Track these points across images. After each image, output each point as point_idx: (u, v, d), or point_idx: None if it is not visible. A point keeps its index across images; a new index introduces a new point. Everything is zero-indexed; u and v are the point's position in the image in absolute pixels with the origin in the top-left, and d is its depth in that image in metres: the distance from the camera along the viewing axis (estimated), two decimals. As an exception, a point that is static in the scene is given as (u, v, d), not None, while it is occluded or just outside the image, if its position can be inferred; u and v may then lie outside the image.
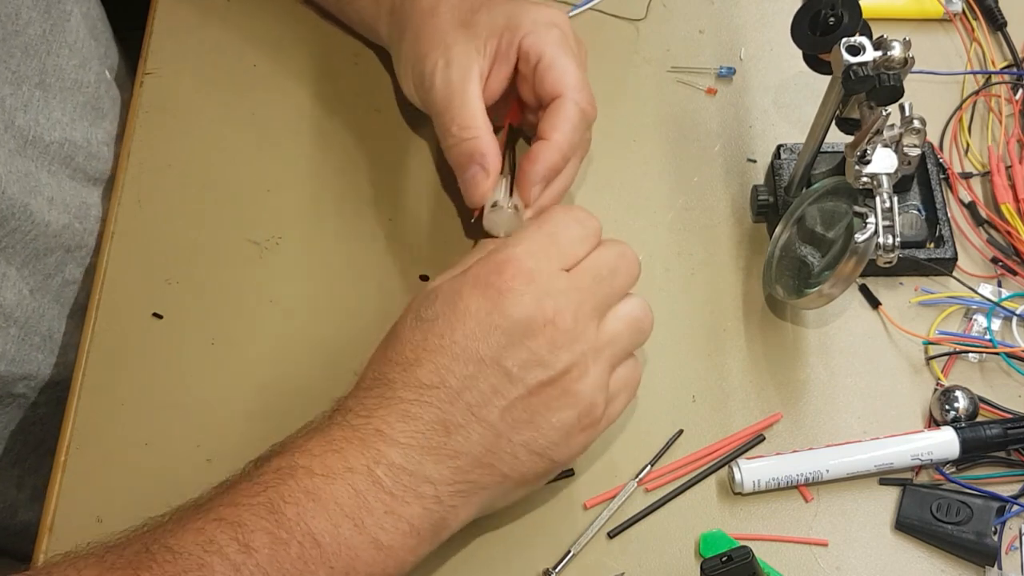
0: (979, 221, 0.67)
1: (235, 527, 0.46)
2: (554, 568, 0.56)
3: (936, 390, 0.61)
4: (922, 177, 0.67)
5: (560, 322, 0.51)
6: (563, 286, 0.52)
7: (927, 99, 0.71)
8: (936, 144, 0.69)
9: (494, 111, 0.61)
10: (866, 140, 0.55)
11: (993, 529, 0.56)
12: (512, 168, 0.61)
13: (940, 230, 0.65)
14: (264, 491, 0.47)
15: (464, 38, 0.60)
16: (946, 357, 0.63)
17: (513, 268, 0.51)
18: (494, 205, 0.58)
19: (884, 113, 0.55)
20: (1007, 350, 0.62)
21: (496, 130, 0.60)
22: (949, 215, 0.66)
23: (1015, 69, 0.72)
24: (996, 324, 0.63)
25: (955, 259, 0.64)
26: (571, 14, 0.73)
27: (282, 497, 0.47)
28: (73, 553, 0.48)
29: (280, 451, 0.50)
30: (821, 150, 0.62)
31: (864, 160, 0.56)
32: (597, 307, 0.53)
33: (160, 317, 0.63)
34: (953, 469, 0.59)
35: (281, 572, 0.46)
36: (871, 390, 0.62)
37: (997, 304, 0.63)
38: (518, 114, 0.66)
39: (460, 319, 0.51)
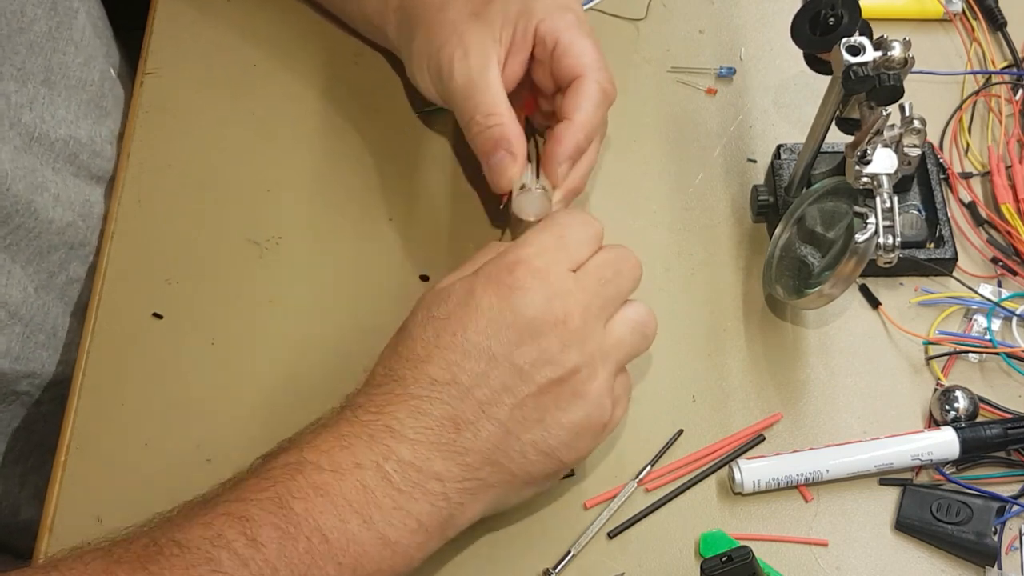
0: (979, 221, 0.67)
1: (243, 522, 0.46)
2: (554, 568, 0.56)
3: (936, 390, 0.61)
4: (922, 177, 0.67)
5: (570, 322, 0.51)
6: (571, 287, 0.52)
7: (927, 99, 0.71)
8: (936, 144, 0.69)
9: (510, 101, 0.61)
10: (866, 140, 0.55)
11: (993, 529, 0.56)
12: (536, 153, 0.61)
13: (940, 230, 0.65)
14: (272, 486, 0.47)
15: (479, 27, 0.60)
16: (946, 357, 0.63)
17: (524, 268, 0.52)
18: (522, 188, 0.58)
19: (884, 113, 0.55)
20: (1007, 350, 0.62)
21: None
22: (949, 215, 0.66)
23: (1015, 69, 0.72)
24: (996, 324, 0.63)
25: (955, 259, 0.64)
26: (571, 14, 0.73)
27: (290, 492, 0.47)
28: (79, 548, 0.48)
29: (288, 447, 0.50)
30: (821, 150, 0.62)
31: (864, 160, 0.56)
32: (603, 308, 0.54)
33: (160, 317, 0.63)
34: (953, 469, 0.59)
35: (289, 567, 0.46)
36: (871, 390, 0.62)
37: (997, 304, 0.63)
38: (533, 105, 0.66)
39: (472, 316, 0.51)
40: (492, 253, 0.54)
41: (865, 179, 0.56)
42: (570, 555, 0.57)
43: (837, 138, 0.60)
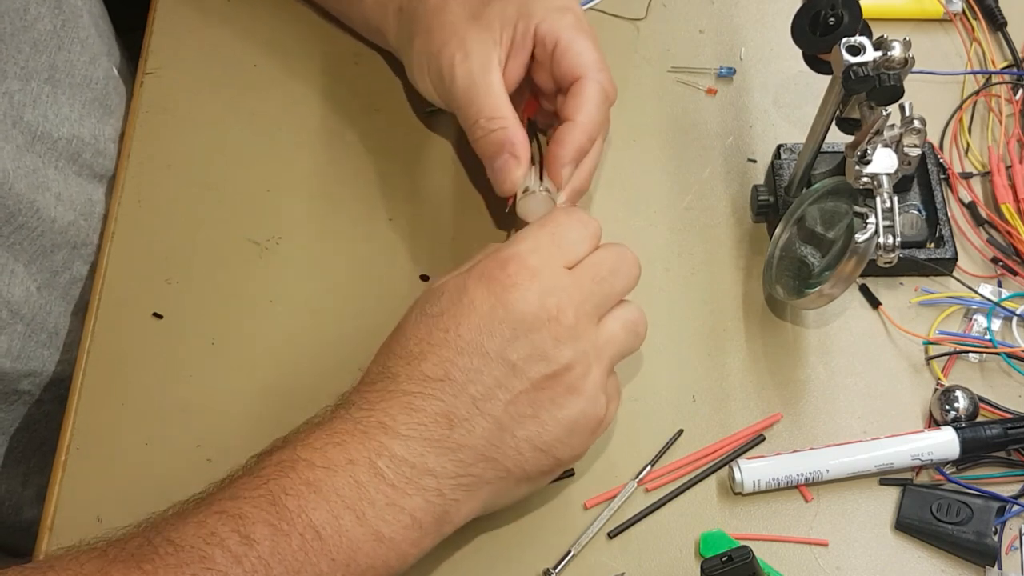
0: (979, 221, 0.67)
1: (236, 519, 0.46)
2: (554, 568, 0.56)
3: (936, 390, 0.61)
4: (922, 177, 0.67)
5: (563, 318, 0.51)
6: (565, 283, 0.52)
7: (927, 99, 0.71)
8: (936, 144, 0.69)
9: (511, 103, 0.61)
10: (866, 140, 0.55)
11: (993, 529, 0.56)
12: (539, 155, 0.62)
13: (940, 230, 0.65)
14: (265, 484, 0.47)
15: (479, 29, 0.60)
16: (946, 357, 0.63)
17: (517, 264, 0.52)
18: (526, 191, 0.59)
19: (884, 113, 0.55)
20: (1007, 350, 0.62)
21: None
22: (949, 215, 0.66)
23: (1015, 69, 0.72)
24: (996, 324, 0.63)
25: (955, 259, 0.64)
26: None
27: (283, 489, 0.47)
28: (76, 548, 0.48)
29: (282, 445, 0.50)
30: (821, 150, 0.62)
31: (864, 160, 0.56)
32: (597, 306, 0.54)
33: (160, 317, 0.63)
34: (953, 469, 0.59)
35: (283, 564, 0.46)
36: (871, 390, 0.62)
37: (997, 304, 0.63)
38: (535, 106, 0.66)
39: (465, 313, 0.51)
40: (488, 252, 0.55)
41: (865, 179, 0.56)
42: (570, 555, 0.57)
43: (837, 138, 0.60)
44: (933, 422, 0.61)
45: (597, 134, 0.61)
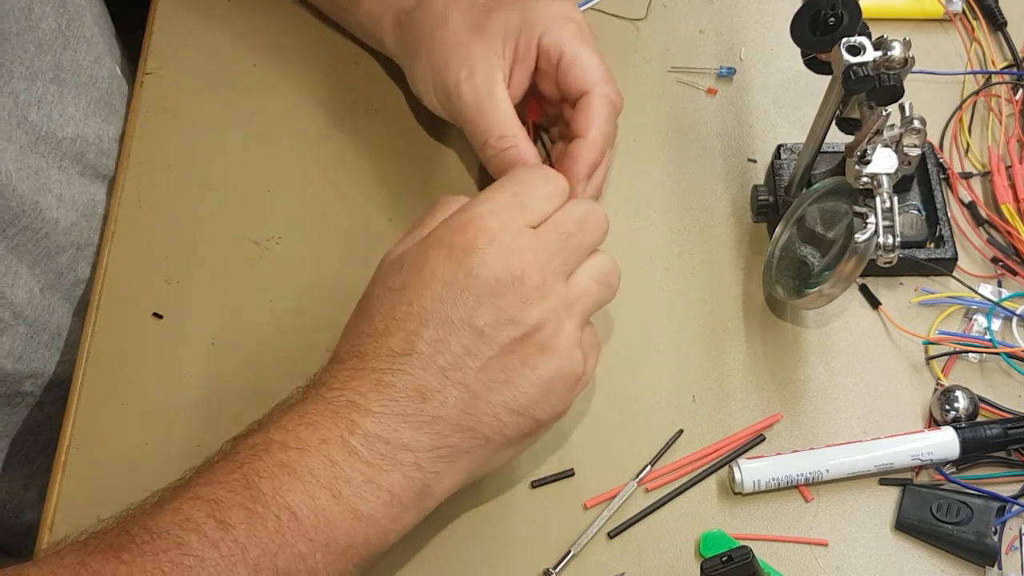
0: (979, 221, 0.67)
1: (212, 504, 0.46)
2: (554, 568, 0.56)
3: (936, 390, 0.61)
4: (922, 177, 0.67)
5: (528, 279, 0.50)
6: (529, 243, 0.51)
7: (927, 99, 0.71)
8: (936, 144, 0.69)
9: (515, 110, 0.61)
10: (866, 140, 0.55)
11: (993, 529, 0.56)
12: (547, 158, 0.63)
13: (940, 230, 0.65)
14: (240, 467, 0.47)
15: (482, 43, 0.60)
16: (946, 357, 0.63)
17: (476, 227, 0.51)
18: None
19: (884, 113, 0.55)
20: (1007, 350, 0.62)
21: None
22: (949, 215, 0.66)
23: (1015, 69, 0.72)
24: (996, 324, 0.63)
25: (955, 259, 0.64)
26: (571, 14, 0.73)
27: (257, 472, 0.47)
28: (60, 543, 0.48)
29: (256, 428, 0.50)
30: (821, 150, 0.62)
31: (864, 160, 0.56)
32: (565, 263, 0.52)
33: (160, 317, 0.63)
34: (953, 469, 0.59)
35: (260, 547, 0.46)
36: (871, 390, 0.62)
37: (997, 304, 0.63)
38: (538, 111, 0.66)
39: (427, 284, 0.50)
40: (444, 212, 0.54)
41: (865, 179, 0.56)
42: (570, 555, 0.57)
43: (837, 138, 0.60)
44: (933, 422, 0.61)
45: (607, 147, 0.61)
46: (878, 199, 0.55)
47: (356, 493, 0.48)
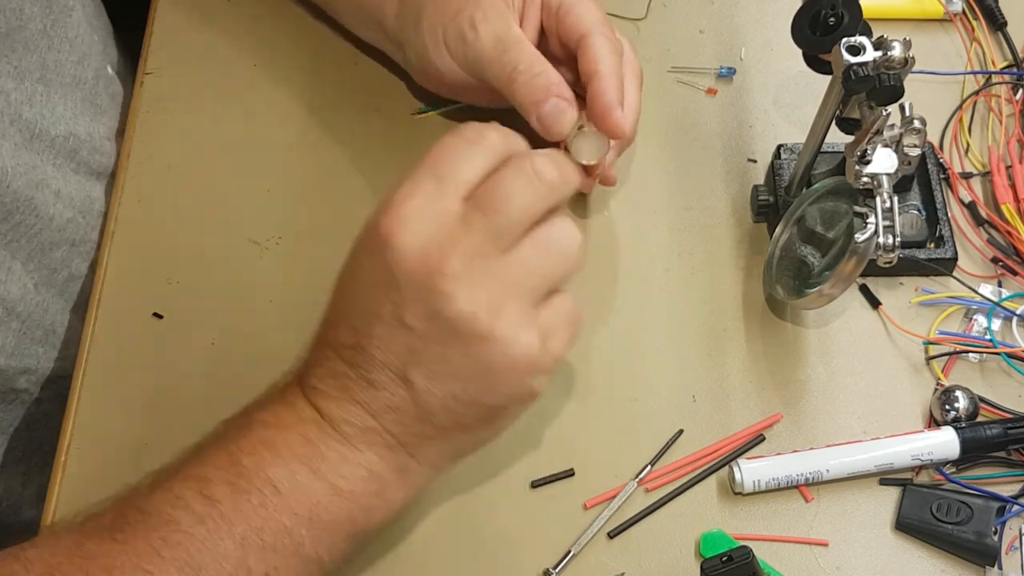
0: (979, 221, 0.67)
1: (199, 482, 0.47)
2: (554, 568, 0.56)
3: (936, 390, 0.61)
4: (922, 177, 0.67)
5: (448, 268, 0.46)
6: (447, 227, 0.47)
7: (927, 99, 0.71)
8: (936, 144, 0.69)
9: None
10: (866, 140, 0.55)
11: (993, 529, 0.56)
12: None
13: (940, 230, 0.65)
14: (226, 446, 0.49)
15: None
16: (946, 357, 0.63)
17: (390, 216, 0.47)
18: (580, 128, 0.58)
19: (884, 113, 0.55)
20: (1007, 350, 0.62)
21: None
22: (949, 215, 0.66)
23: (1015, 69, 0.72)
24: (996, 324, 0.63)
25: (955, 259, 0.64)
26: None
27: (241, 449, 0.48)
28: (55, 524, 0.49)
29: (244, 411, 0.51)
30: (821, 150, 0.62)
31: (864, 160, 0.56)
32: (496, 239, 0.47)
33: (160, 317, 0.63)
34: (953, 469, 0.59)
35: (245, 521, 0.46)
36: (871, 390, 0.62)
37: (997, 304, 0.63)
38: None
39: (357, 281, 0.49)
40: (433, 158, 0.50)
41: (865, 179, 0.56)
42: (570, 555, 0.57)
43: (837, 138, 0.60)
44: (933, 422, 0.61)
45: (622, 77, 0.60)
46: (878, 199, 0.55)
47: (333, 469, 0.48)
